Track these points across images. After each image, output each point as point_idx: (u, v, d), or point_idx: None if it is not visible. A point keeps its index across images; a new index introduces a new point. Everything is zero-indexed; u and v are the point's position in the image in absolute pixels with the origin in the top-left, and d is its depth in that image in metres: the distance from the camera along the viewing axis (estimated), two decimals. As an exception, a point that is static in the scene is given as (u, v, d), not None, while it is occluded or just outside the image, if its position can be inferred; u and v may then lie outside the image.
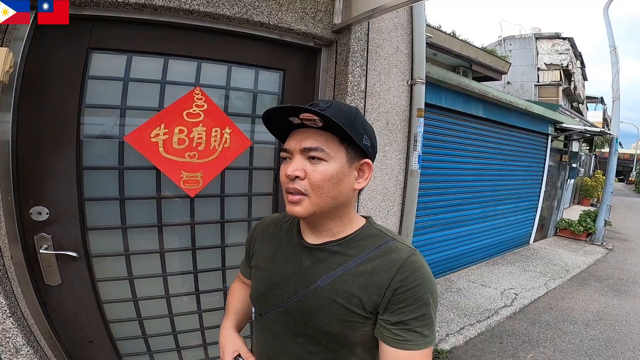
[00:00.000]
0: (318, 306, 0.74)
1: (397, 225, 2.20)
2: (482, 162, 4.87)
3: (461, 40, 6.84)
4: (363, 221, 0.82)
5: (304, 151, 0.72)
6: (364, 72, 1.85)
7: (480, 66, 6.90)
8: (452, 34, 7.13)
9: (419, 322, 0.68)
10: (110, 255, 1.58)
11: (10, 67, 1.20)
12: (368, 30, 1.85)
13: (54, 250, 1.43)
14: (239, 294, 1.03)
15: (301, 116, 0.70)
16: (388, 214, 2.11)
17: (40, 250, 1.40)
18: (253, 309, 0.90)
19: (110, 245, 1.57)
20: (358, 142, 0.71)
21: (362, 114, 0.90)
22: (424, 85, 2.07)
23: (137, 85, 1.52)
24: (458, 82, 3.78)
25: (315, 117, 0.68)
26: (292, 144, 0.74)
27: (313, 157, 0.71)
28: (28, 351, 1.28)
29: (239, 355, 0.87)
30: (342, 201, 0.75)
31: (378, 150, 1.95)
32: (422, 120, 2.04)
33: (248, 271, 0.96)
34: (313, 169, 0.71)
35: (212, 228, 1.77)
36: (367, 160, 0.76)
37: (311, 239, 0.81)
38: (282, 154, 0.76)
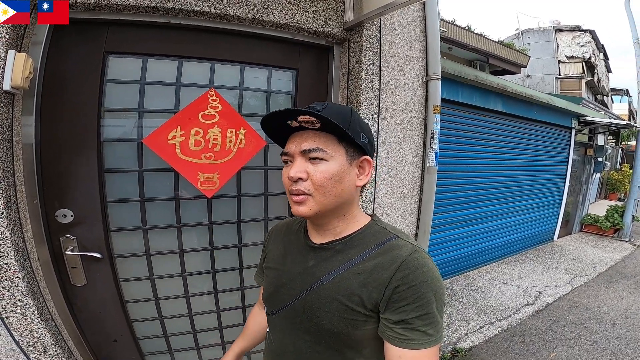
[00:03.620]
0: (320, 304, 0.75)
1: (414, 223, 2.17)
2: (503, 157, 4.75)
3: (477, 34, 6.69)
4: (367, 219, 0.83)
5: (305, 153, 0.73)
6: (378, 70, 1.83)
7: (497, 60, 6.73)
8: (467, 28, 6.99)
9: (422, 321, 0.67)
10: (133, 256, 1.61)
11: (30, 72, 1.23)
12: (380, 27, 1.83)
13: (79, 252, 1.47)
14: (255, 317, 1.09)
15: (299, 119, 0.71)
16: (405, 212, 2.09)
17: (66, 252, 1.44)
18: (265, 308, 0.92)
19: (132, 246, 1.61)
20: (356, 140, 0.73)
21: (358, 113, 0.91)
22: (440, 81, 2.04)
23: (153, 87, 1.55)
24: (475, 76, 3.69)
25: (312, 119, 0.70)
26: (292, 146, 0.75)
27: (314, 158, 0.73)
28: (56, 351, 1.31)
29: None
30: (345, 199, 0.76)
31: (393, 148, 1.96)
32: (438, 116, 2.00)
33: (261, 278, 0.99)
34: (315, 169, 0.72)
35: (229, 228, 1.78)
36: (367, 156, 0.78)
37: (316, 238, 0.82)
38: (283, 158, 0.78)
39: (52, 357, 1.32)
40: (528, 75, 15.81)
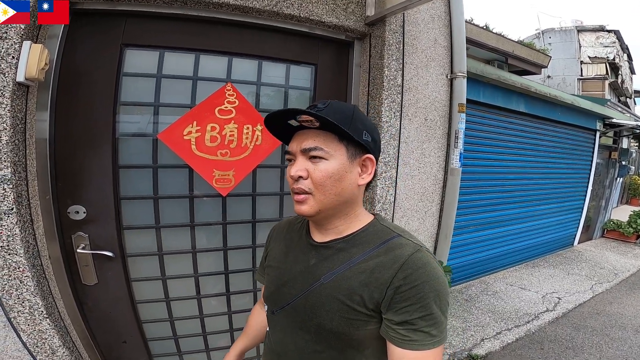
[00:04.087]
0: (320, 303, 0.74)
1: (435, 226, 2.08)
2: (524, 159, 4.59)
3: (496, 33, 6.52)
4: (370, 218, 0.81)
5: (305, 152, 0.74)
6: (401, 66, 1.75)
7: (517, 60, 6.52)
8: (485, 27, 6.82)
9: (425, 322, 0.66)
10: (145, 255, 1.57)
11: (45, 64, 1.20)
12: (403, 22, 1.76)
13: (91, 250, 1.43)
14: (256, 316, 1.07)
15: (299, 118, 0.72)
16: (426, 215, 2.00)
17: (78, 250, 1.41)
18: (266, 307, 0.90)
19: (144, 244, 1.56)
20: (357, 138, 0.73)
21: (361, 111, 0.89)
22: (465, 79, 1.94)
23: (169, 81, 1.51)
24: (497, 75, 3.57)
25: (311, 118, 0.70)
26: (294, 146, 0.76)
27: (314, 157, 0.73)
28: (64, 352, 1.28)
29: None
30: (347, 197, 0.75)
31: (415, 148, 1.87)
32: (463, 115, 1.91)
33: (263, 277, 0.98)
34: (314, 168, 0.72)
35: (244, 228, 1.73)
36: (369, 155, 0.77)
37: (318, 237, 0.81)
38: (287, 157, 0.79)
39: (60, 358, 1.28)
40: (548, 76, 15.40)
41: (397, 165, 1.79)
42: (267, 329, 0.91)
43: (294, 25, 1.63)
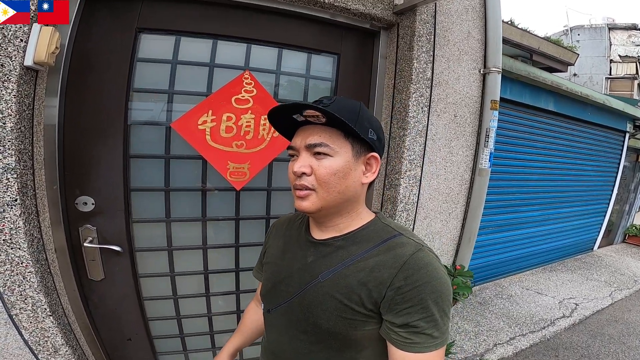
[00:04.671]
0: (317, 302, 0.72)
1: (459, 229, 1.97)
2: (549, 160, 4.40)
3: (521, 29, 6.27)
4: (372, 216, 0.79)
5: (309, 147, 0.71)
6: (431, 59, 1.63)
7: (542, 56, 6.25)
8: (510, 22, 6.58)
9: (427, 324, 0.64)
10: (154, 250, 1.51)
11: (56, 47, 1.13)
12: (435, 12, 1.64)
13: (99, 244, 1.37)
14: (252, 314, 1.04)
15: (305, 113, 0.70)
16: (449, 217, 1.88)
17: (85, 244, 1.34)
18: (262, 305, 0.88)
19: (153, 239, 1.50)
20: (363, 136, 0.71)
21: (367, 108, 0.86)
22: (500, 75, 1.80)
23: (184, 68, 1.42)
24: (527, 72, 3.39)
25: (318, 114, 0.68)
26: (298, 141, 0.74)
27: (318, 153, 0.71)
28: (67, 351, 1.22)
29: None
30: (350, 195, 0.73)
31: (443, 145, 1.75)
32: (496, 113, 1.78)
33: (261, 273, 0.95)
34: (319, 165, 0.70)
35: (257, 224, 1.65)
36: (374, 153, 0.75)
37: (318, 234, 0.79)
38: (290, 152, 0.76)
39: (62, 357, 1.23)
40: (575, 74, 14.87)
41: (423, 164, 1.68)
42: (264, 328, 0.89)
43: (317, 12, 1.52)
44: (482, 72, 1.82)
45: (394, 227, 0.76)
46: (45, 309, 1.15)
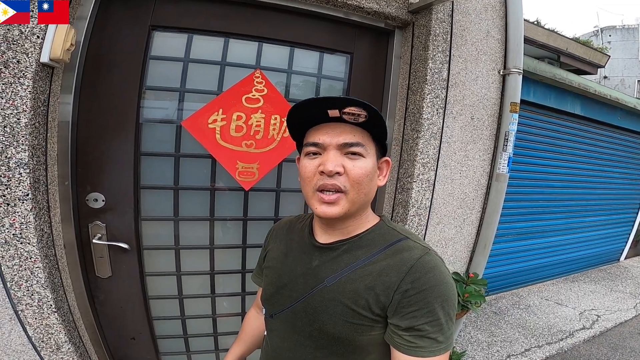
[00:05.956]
0: (323, 307, 0.70)
1: (473, 236, 1.90)
2: (574, 166, 4.23)
3: (547, 29, 6.08)
4: (377, 219, 0.79)
5: (343, 146, 0.69)
6: (447, 59, 1.58)
7: (570, 58, 6.03)
8: (536, 22, 6.39)
9: (433, 328, 0.63)
10: (161, 249, 1.51)
11: (71, 44, 1.14)
12: (452, 11, 1.59)
13: (107, 241, 1.38)
14: (252, 321, 1.03)
15: (347, 109, 0.66)
16: (464, 223, 1.82)
17: (94, 240, 1.35)
18: (264, 310, 0.86)
19: (160, 238, 1.50)
20: (385, 141, 0.74)
21: (380, 109, 0.83)
22: (521, 76, 1.73)
23: (196, 67, 1.42)
24: (552, 74, 3.27)
25: (359, 112, 0.66)
26: (326, 138, 0.69)
27: (354, 153, 0.69)
28: (69, 349, 1.22)
29: None
30: (370, 198, 0.73)
31: (459, 149, 1.69)
32: (515, 116, 1.70)
33: (261, 278, 0.93)
34: (353, 165, 0.68)
35: (266, 225, 1.63)
36: (387, 158, 0.77)
37: (322, 238, 0.78)
38: (311, 149, 0.71)
39: (64, 354, 1.23)
40: (605, 77, 14.26)
41: (437, 167, 1.63)
42: (265, 334, 0.87)
43: (330, 10, 1.50)
44: (501, 73, 1.75)
45: (399, 231, 0.75)
46: (51, 305, 1.15)
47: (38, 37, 1.06)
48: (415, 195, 1.59)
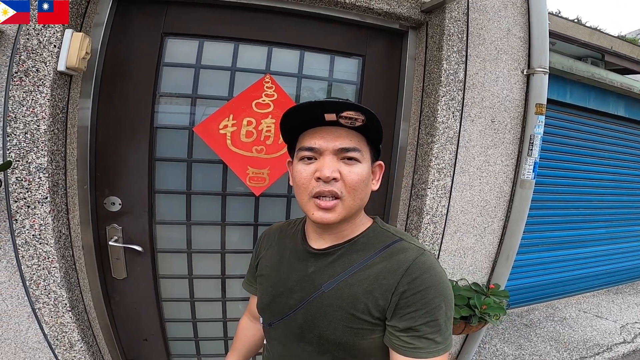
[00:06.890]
0: (322, 313, 0.70)
1: (496, 245, 1.79)
2: (617, 171, 3.92)
3: (589, 27, 5.71)
4: (370, 222, 0.78)
5: (340, 151, 0.67)
6: (463, 59, 1.51)
7: (616, 57, 5.63)
8: (576, 20, 6.01)
9: (430, 328, 0.63)
10: (174, 252, 1.54)
11: (87, 53, 1.19)
12: (467, 9, 1.52)
13: (123, 243, 1.42)
14: (246, 330, 1.01)
15: (344, 113, 0.65)
16: (484, 232, 1.72)
17: (110, 242, 1.40)
18: (261, 319, 0.85)
19: (173, 241, 1.53)
20: (380, 144, 0.73)
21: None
22: (547, 76, 1.62)
23: (207, 72, 1.45)
24: (591, 73, 3.04)
25: (357, 116, 0.65)
26: (322, 142, 0.68)
27: (350, 158, 0.68)
28: (81, 347, 1.27)
29: None
30: (365, 203, 0.72)
31: (478, 154, 1.60)
32: (542, 118, 1.59)
33: (254, 286, 0.92)
34: (349, 170, 0.67)
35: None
36: (381, 162, 0.76)
37: (317, 243, 0.76)
38: (305, 154, 0.69)
39: (77, 353, 1.27)
40: (655, 76, 13.25)
41: (453, 173, 1.55)
42: (265, 342, 0.87)
43: (340, 13, 1.48)
44: (525, 73, 1.64)
45: (393, 232, 0.74)
46: (66, 304, 1.20)
47: (55, 46, 1.12)
48: (430, 203, 1.52)
